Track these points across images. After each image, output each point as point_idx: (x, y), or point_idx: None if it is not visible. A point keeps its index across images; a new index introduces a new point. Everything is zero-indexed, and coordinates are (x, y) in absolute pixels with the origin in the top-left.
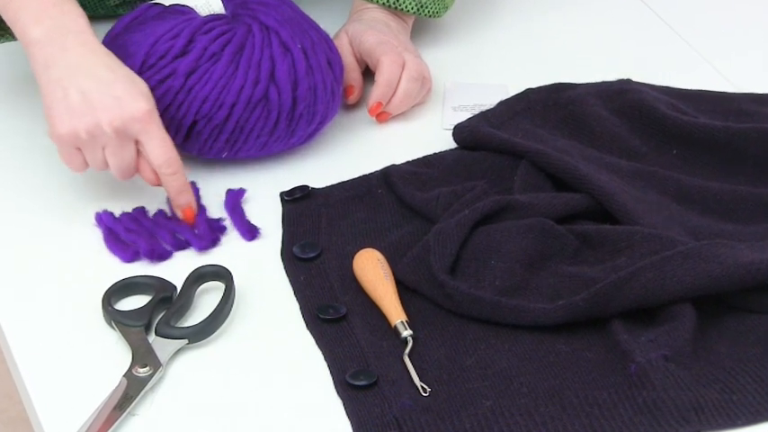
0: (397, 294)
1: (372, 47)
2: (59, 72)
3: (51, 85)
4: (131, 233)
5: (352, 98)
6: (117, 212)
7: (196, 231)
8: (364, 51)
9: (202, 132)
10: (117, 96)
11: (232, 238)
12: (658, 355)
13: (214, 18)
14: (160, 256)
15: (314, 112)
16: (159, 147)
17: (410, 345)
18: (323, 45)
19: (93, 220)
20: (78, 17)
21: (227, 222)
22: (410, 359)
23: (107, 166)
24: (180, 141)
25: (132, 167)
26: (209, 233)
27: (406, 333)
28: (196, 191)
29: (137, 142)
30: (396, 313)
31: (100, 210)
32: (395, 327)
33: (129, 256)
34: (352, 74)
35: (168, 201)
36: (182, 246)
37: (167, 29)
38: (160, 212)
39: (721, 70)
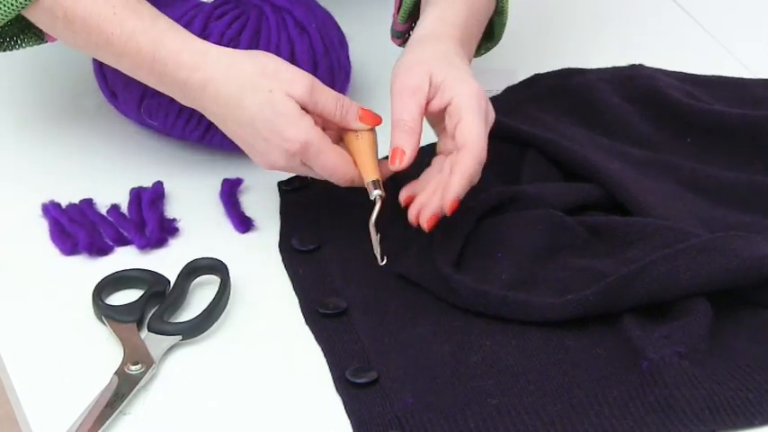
0: (372, 154)
1: (463, 112)
2: None
3: None
4: (74, 224)
5: (400, 165)
6: (106, 204)
7: (147, 229)
8: (453, 112)
9: None
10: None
11: (228, 229)
12: (672, 351)
13: (222, 3)
14: (100, 249)
15: None
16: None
17: (378, 208)
18: (332, 23)
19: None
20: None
21: (223, 214)
22: (411, 353)
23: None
24: (201, 133)
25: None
26: (156, 233)
27: (377, 193)
28: (160, 186)
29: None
30: (367, 172)
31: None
32: (367, 184)
33: (69, 248)
34: (411, 136)
35: (132, 193)
36: (125, 242)
37: (177, 17)
38: (113, 207)
39: (738, 55)
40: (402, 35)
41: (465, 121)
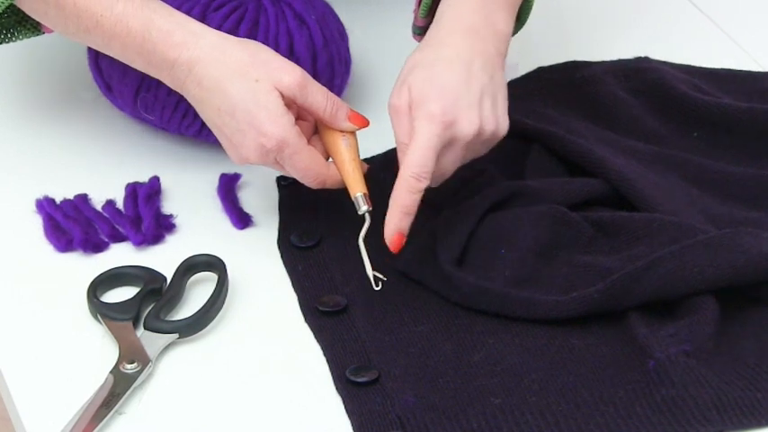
0: (358, 163)
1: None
2: None
3: None
4: (69, 220)
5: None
6: (101, 200)
7: (143, 226)
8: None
9: None
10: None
11: (225, 226)
12: (678, 350)
13: None
14: (95, 246)
15: (331, 87)
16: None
17: (368, 223)
18: (332, 15)
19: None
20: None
21: (220, 209)
22: (412, 352)
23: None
24: (197, 128)
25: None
26: (153, 229)
27: (365, 208)
28: (156, 181)
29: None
30: (356, 185)
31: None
32: (354, 199)
33: (63, 244)
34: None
35: (127, 189)
36: (120, 238)
37: (174, 8)
38: (109, 202)
39: (746, 48)
40: (423, 31)
41: (410, 147)
